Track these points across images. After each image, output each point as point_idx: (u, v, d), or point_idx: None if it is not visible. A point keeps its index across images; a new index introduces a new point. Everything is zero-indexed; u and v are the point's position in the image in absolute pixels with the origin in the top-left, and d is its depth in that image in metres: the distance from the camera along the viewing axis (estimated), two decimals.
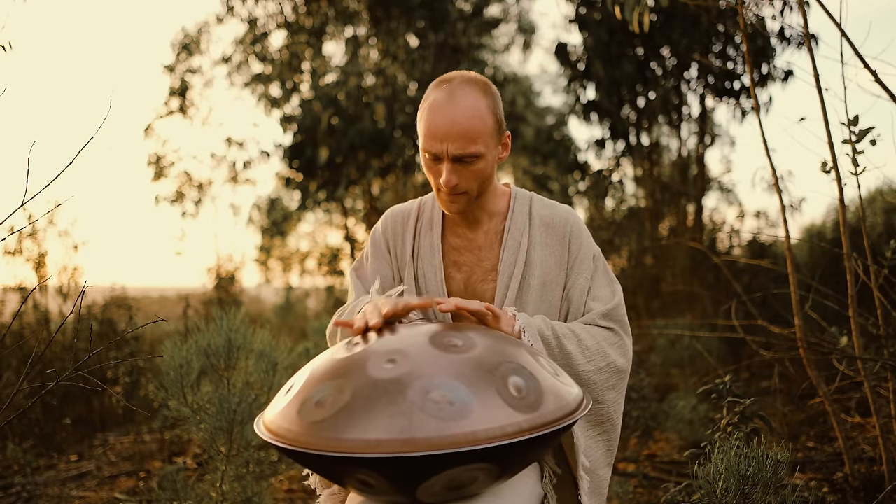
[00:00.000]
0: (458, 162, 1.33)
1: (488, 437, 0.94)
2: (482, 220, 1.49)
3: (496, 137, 1.37)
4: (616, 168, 8.75)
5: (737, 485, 1.52)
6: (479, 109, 1.32)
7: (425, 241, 1.50)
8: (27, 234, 4.87)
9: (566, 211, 1.52)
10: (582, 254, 1.48)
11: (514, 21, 10.61)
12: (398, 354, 1.05)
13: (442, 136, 1.31)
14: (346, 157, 8.12)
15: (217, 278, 7.61)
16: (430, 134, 1.33)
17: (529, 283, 1.44)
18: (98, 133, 1.60)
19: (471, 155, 1.32)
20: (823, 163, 2.37)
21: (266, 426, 1.07)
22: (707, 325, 5.30)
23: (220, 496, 2.32)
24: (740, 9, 2.57)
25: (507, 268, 1.44)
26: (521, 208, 1.49)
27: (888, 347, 2.39)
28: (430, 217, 1.53)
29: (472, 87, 1.34)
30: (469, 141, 1.31)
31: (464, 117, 1.31)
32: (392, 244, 1.55)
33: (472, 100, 1.32)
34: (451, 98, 1.32)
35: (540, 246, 1.46)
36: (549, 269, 1.46)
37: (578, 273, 1.47)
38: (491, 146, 1.36)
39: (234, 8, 9.40)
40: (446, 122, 1.31)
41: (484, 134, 1.33)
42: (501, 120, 1.39)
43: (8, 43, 1.89)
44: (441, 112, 1.32)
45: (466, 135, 1.31)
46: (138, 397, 4.19)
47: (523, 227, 1.47)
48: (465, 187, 1.37)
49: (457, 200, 1.39)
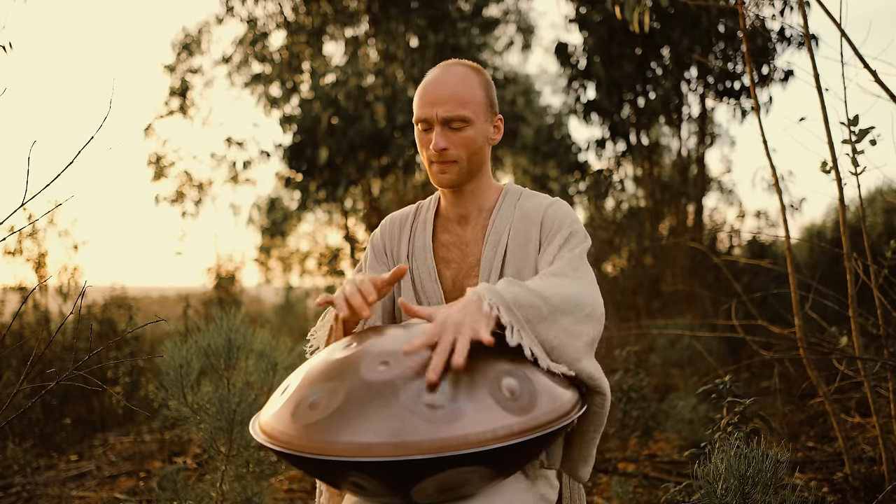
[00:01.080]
0: (447, 127, 1.37)
1: (480, 441, 0.94)
2: (472, 216, 1.49)
3: (486, 112, 1.41)
4: (616, 168, 8.75)
5: (737, 485, 1.52)
6: (470, 80, 1.39)
7: (419, 241, 1.52)
8: (27, 234, 4.87)
9: (549, 199, 1.47)
10: (555, 229, 1.41)
11: (514, 21, 10.61)
12: (392, 356, 1.05)
13: (432, 100, 1.37)
14: (346, 157, 8.12)
15: (217, 278, 7.61)
16: (422, 100, 1.39)
17: (505, 274, 1.42)
18: (98, 133, 1.60)
19: (459, 118, 1.36)
20: (823, 163, 2.37)
21: (261, 428, 1.07)
22: (707, 325, 5.30)
23: (220, 496, 2.32)
24: (740, 9, 2.57)
25: (487, 262, 1.43)
26: (509, 203, 1.48)
27: (888, 347, 2.39)
28: (424, 218, 1.54)
29: (463, 65, 1.42)
30: (458, 104, 1.36)
31: (454, 83, 1.37)
32: (389, 247, 1.56)
33: (464, 72, 1.40)
34: (444, 70, 1.41)
35: (515, 237, 1.44)
36: (521, 256, 1.42)
37: (546, 248, 1.40)
38: (481, 118, 1.39)
39: (233, 8, 9.40)
40: (437, 88, 1.38)
41: (473, 102, 1.37)
42: (493, 100, 1.44)
43: (8, 43, 1.90)
44: (432, 81, 1.39)
45: (456, 98, 1.36)
46: (138, 397, 4.19)
47: (507, 222, 1.45)
48: (455, 155, 1.39)
49: (447, 170, 1.40)
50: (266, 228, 10.87)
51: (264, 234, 10.98)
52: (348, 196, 9.90)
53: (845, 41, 2.27)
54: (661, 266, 7.65)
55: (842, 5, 2.30)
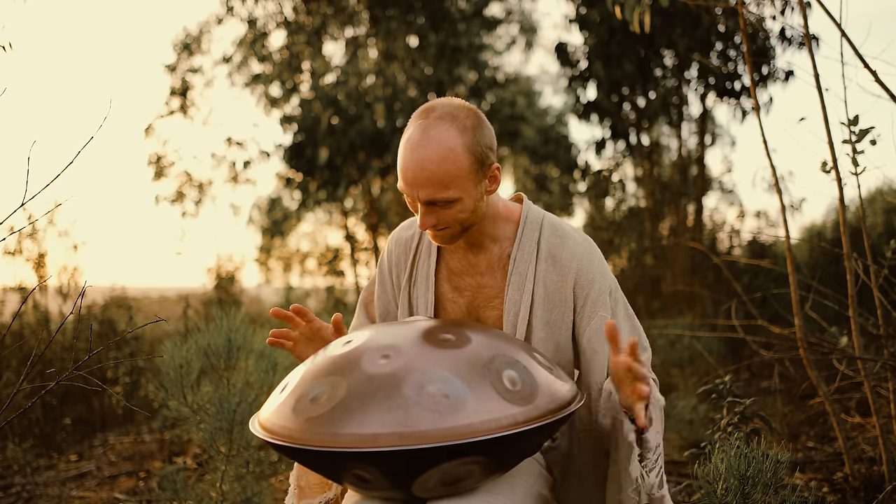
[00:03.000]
0: (432, 205, 1.27)
1: (485, 430, 0.95)
2: (485, 245, 1.42)
3: (475, 177, 1.27)
4: (616, 168, 8.75)
5: (737, 485, 1.52)
6: (452, 151, 1.23)
7: (422, 269, 1.47)
8: (27, 234, 4.87)
9: (576, 243, 1.39)
10: (594, 292, 1.35)
11: (516, 21, 10.60)
12: (392, 350, 1.06)
13: (411, 181, 1.25)
14: (347, 158, 8.12)
15: (217, 278, 7.60)
16: (402, 177, 1.27)
17: (533, 322, 1.37)
18: (98, 133, 1.60)
19: (443, 200, 1.25)
20: (823, 163, 2.36)
21: (261, 424, 1.07)
22: (707, 325, 5.30)
23: (220, 496, 2.32)
24: (740, 9, 2.57)
25: (513, 305, 1.37)
26: (530, 235, 1.39)
27: (888, 347, 2.39)
28: (428, 243, 1.48)
29: (448, 125, 1.24)
30: (441, 187, 1.24)
31: (433, 161, 1.22)
32: (395, 272, 1.52)
33: (446, 139, 1.23)
34: (423, 137, 1.24)
35: (543, 283, 1.37)
36: (552, 307, 1.37)
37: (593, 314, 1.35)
38: (469, 188, 1.26)
39: (233, 8, 9.40)
40: (415, 167, 1.24)
41: (458, 178, 1.24)
42: (484, 155, 1.28)
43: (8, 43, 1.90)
44: (412, 154, 1.24)
45: (437, 181, 1.23)
46: (138, 397, 4.19)
47: (529, 259, 1.37)
48: (446, 225, 1.30)
49: (440, 236, 1.34)
50: (266, 228, 10.87)
51: (264, 234, 10.98)
52: (348, 196, 9.90)
53: (845, 41, 2.27)
54: (661, 266, 7.65)
55: (842, 5, 2.29)
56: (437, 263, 1.47)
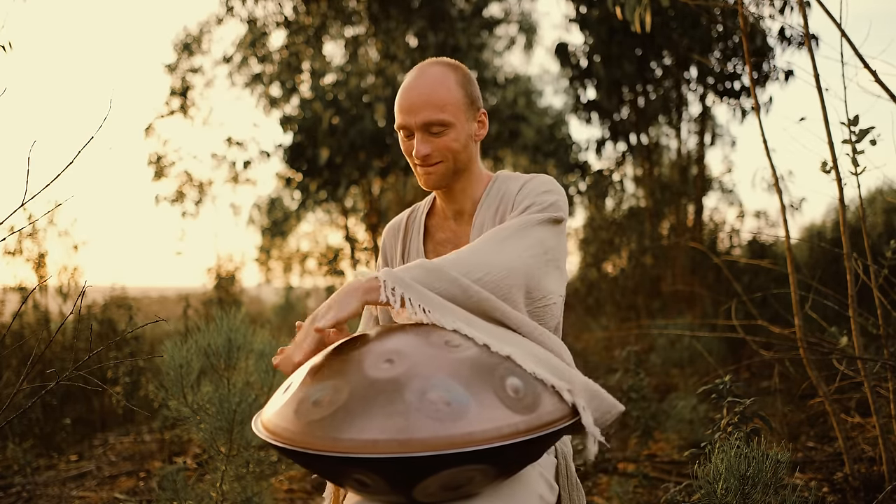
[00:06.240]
0: (427, 132, 1.35)
1: (485, 439, 0.94)
2: (466, 211, 1.48)
3: (467, 111, 1.38)
4: (616, 168, 8.75)
5: (737, 485, 1.52)
6: (447, 80, 1.36)
7: (413, 245, 1.52)
8: (27, 234, 4.87)
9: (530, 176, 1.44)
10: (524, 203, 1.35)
11: (515, 21, 10.60)
12: (396, 354, 1.05)
13: (409, 107, 1.35)
14: (347, 158, 8.12)
15: (217, 278, 7.61)
16: (400, 108, 1.37)
17: None
18: (98, 133, 1.60)
19: (439, 122, 1.34)
20: (823, 163, 2.36)
21: (263, 425, 1.07)
22: (707, 325, 5.30)
23: (220, 496, 2.32)
24: (740, 8, 2.57)
25: None
26: (497, 189, 1.45)
27: (888, 347, 2.39)
28: (418, 221, 1.54)
29: (440, 65, 1.39)
30: (436, 108, 1.34)
31: (430, 87, 1.35)
32: (390, 255, 1.58)
33: (440, 73, 1.37)
34: (420, 74, 1.38)
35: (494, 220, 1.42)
36: None
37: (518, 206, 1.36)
38: (461, 118, 1.37)
39: (233, 8, 9.40)
40: (413, 94, 1.36)
41: (451, 104, 1.35)
42: (474, 96, 1.41)
43: (8, 43, 1.90)
44: (409, 86, 1.37)
45: (433, 103, 1.34)
46: (138, 397, 4.19)
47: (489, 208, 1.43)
48: (439, 157, 1.38)
49: (433, 171, 1.40)
50: (266, 228, 10.87)
51: (264, 234, 10.98)
52: (348, 196, 9.91)
53: (845, 41, 2.27)
54: (661, 266, 7.65)
55: (842, 5, 2.29)
56: (425, 238, 1.53)
